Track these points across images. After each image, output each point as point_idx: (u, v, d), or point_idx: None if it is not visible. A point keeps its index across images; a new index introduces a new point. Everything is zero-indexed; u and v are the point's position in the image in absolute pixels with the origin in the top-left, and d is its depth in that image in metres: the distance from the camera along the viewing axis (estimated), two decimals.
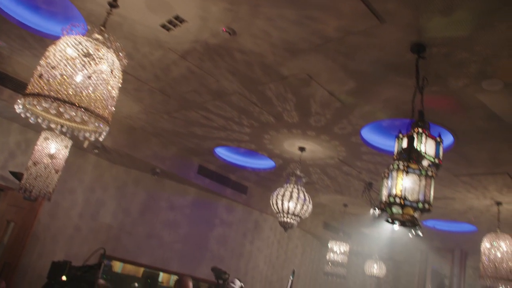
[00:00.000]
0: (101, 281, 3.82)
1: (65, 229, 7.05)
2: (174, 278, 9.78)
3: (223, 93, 4.77)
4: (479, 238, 6.40)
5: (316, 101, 4.47)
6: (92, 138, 3.18)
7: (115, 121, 6.41)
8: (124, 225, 7.63)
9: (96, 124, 2.95)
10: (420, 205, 2.69)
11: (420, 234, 6.42)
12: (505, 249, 6.05)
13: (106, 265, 9.62)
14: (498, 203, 6.43)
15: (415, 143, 2.98)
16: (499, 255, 6.05)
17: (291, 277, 2.86)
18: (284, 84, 4.29)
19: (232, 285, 5.56)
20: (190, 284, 5.20)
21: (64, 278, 5.76)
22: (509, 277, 5.96)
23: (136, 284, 10.23)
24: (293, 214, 5.02)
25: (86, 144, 4.12)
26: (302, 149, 5.68)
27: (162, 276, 10.70)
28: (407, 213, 2.69)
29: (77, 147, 6.80)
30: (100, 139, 3.15)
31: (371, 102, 4.28)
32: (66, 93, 2.72)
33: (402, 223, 2.83)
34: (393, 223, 2.83)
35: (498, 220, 6.40)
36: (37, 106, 2.73)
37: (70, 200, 7.11)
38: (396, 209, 2.70)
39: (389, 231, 8.36)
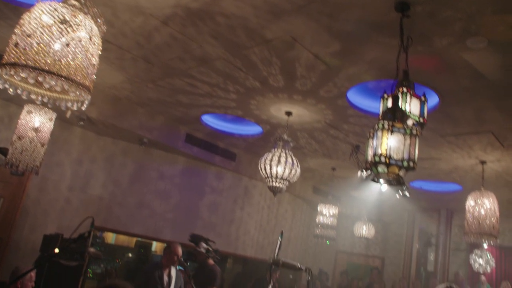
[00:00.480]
0: (91, 250, 3.85)
1: (55, 202, 7.05)
2: None
3: (207, 59, 4.70)
4: (464, 197, 6.54)
5: (301, 64, 4.43)
6: (75, 108, 3.14)
7: (99, 92, 6.34)
8: (115, 196, 7.64)
9: (78, 93, 2.91)
10: (405, 163, 2.71)
11: (407, 194, 6.53)
12: (488, 206, 6.20)
13: (99, 237, 9.70)
14: (483, 162, 6.54)
15: (400, 103, 2.99)
16: (482, 212, 6.20)
17: (279, 238, 2.90)
18: (268, 48, 4.23)
19: (198, 249, 5.70)
20: (179, 249, 5.26)
21: (56, 250, 5.81)
22: (492, 233, 6.13)
23: (130, 255, 10.35)
24: (282, 178, 5.05)
25: (68, 114, 4.07)
26: (289, 113, 5.67)
27: (155, 246, 10.82)
28: (392, 172, 2.72)
29: (62, 120, 6.72)
30: (83, 108, 3.10)
31: (356, 63, 4.26)
32: (44, 62, 2.65)
33: (388, 182, 2.86)
34: (378, 182, 2.87)
35: (482, 178, 6.53)
36: (15, 77, 2.66)
37: (58, 173, 7.08)
38: (381, 168, 2.73)
39: (377, 193, 8.48)
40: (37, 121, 4.62)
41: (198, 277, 5.49)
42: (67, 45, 2.74)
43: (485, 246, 12.65)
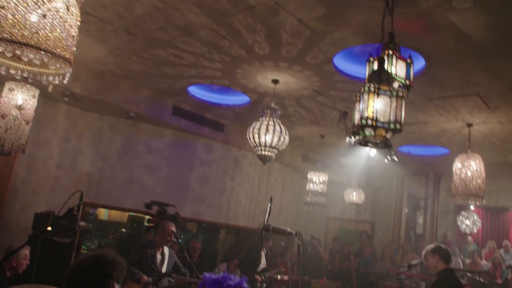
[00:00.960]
0: (82, 223, 3.85)
1: (45, 181, 7.00)
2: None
3: (190, 28, 4.61)
4: (451, 160, 6.62)
5: (286, 30, 4.36)
6: (56, 82, 3.07)
7: (82, 67, 6.23)
8: (104, 172, 7.61)
9: (58, 66, 2.84)
10: (392, 125, 2.71)
11: (395, 159, 6.55)
12: (475, 168, 6.29)
13: (92, 213, 9.71)
14: (469, 125, 6.60)
15: (386, 65, 2.96)
16: (469, 174, 6.29)
17: (269, 204, 2.92)
18: (252, 15, 4.15)
19: (151, 212, 5.80)
20: (172, 227, 5.29)
21: (49, 228, 5.81)
22: (478, 194, 6.24)
23: (123, 230, 10.40)
24: (271, 146, 5.05)
25: (50, 88, 4.00)
26: (275, 81, 5.63)
27: (147, 220, 10.86)
28: (379, 135, 2.72)
29: (46, 97, 6.61)
30: (65, 81, 3.04)
31: (341, 28, 4.20)
32: (21, 34, 2.57)
33: (375, 145, 2.87)
34: (366, 145, 2.87)
35: (469, 141, 6.60)
36: None
37: (45, 151, 7.01)
38: (368, 131, 2.73)
39: (365, 159, 8.55)
40: (20, 99, 4.54)
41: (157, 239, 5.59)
42: (44, 16, 2.66)
43: (472, 207, 12.94)
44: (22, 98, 4.53)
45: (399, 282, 6.99)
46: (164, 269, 5.22)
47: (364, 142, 2.90)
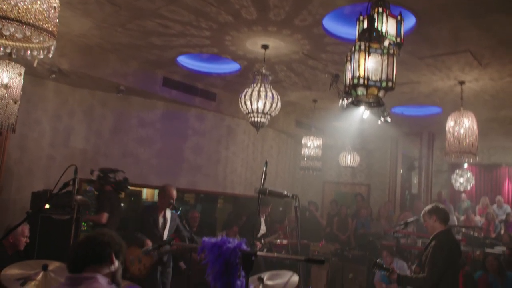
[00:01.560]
0: (78, 197, 3.86)
1: (39, 160, 6.97)
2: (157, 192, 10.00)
3: None
4: (444, 118, 6.63)
5: None
6: (41, 56, 3.01)
7: (68, 42, 6.10)
8: (98, 148, 7.58)
9: (42, 39, 2.78)
10: (384, 83, 2.70)
11: (389, 120, 6.58)
12: (467, 125, 6.31)
13: (89, 190, 9.72)
14: (461, 83, 6.58)
15: (376, 23, 2.92)
16: (462, 131, 6.32)
17: (264, 167, 2.93)
18: None
19: (92, 177, 6.00)
20: (174, 192, 5.31)
21: (47, 206, 5.83)
22: (471, 151, 6.29)
23: (122, 204, 10.45)
24: (263, 113, 5.03)
25: (36, 63, 3.91)
26: (265, 46, 5.54)
27: (146, 193, 10.92)
28: (372, 93, 2.71)
29: (33, 75, 6.51)
30: (49, 55, 2.98)
31: None
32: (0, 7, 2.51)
33: (368, 104, 2.86)
34: (359, 105, 2.86)
35: (461, 98, 6.60)
36: None
37: (37, 131, 6.95)
38: (360, 91, 2.71)
39: (359, 121, 8.54)
40: (5, 77, 4.44)
41: (96, 204, 5.66)
42: None
43: (465, 165, 13.09)
44: (8, 77, 4.43)
45: (396, 241, 7.14)
46: (166, 233, 5.27)
47: (356, 102, 2.89)
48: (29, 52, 2.95)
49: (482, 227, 9.61)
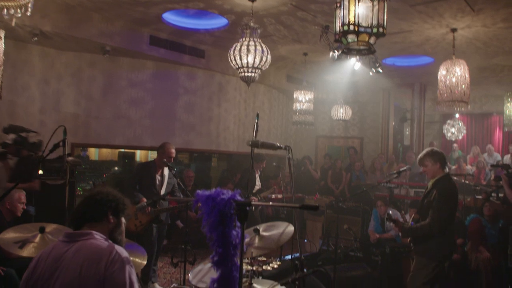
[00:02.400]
0: (69, 158, 3.84)
1: (29, 126, 6.81)
2: (151, 154, 10.02)
3: None
4: (436, 69, 6.57)
5: None
6: (19, 14, 2.91)
7: (49, 2, 5.91)
8: (90, 111, 7.49)
9: None
10: (375, 29, 2.64)
11: (380, 70, 6.51)
12: (459, 74, 6.27)
13: (83, 156, 9.71)
14: (453, 30, 6.48)
15: None
16: (454, 80, 6.29)
17: (256, 119, 2.90)
18: None
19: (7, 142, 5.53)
20: (172, 149, 5.30)
21: (40, 172, 5.82)
22: (463, 99, 6.28)
23: (116, 168, 10.48)
24: (253, 67, 4.95)
25: (14, 22, 3.78)
26: None
27: (139, 155, 10.93)
28: (363, 40, 2.65)
29: (15, 39, 6.34)
30: (28, 13, 2.88)
31: None
32: None
33: (359, 52, 2.81)
34: (349, 53, 2.81)
35: (453, 47, 6.52)
36: None
37: (25, 96, 6.83)
38: (351, 38, 2.65)
39: (350, 74, 8.48)
40: None
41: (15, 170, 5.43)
42: None
43: (457, 115, 13.15)
44: None
45: (389, 191, 7.25)
46: (163, 191, 5.31)
47: (347, 51, 2.84)
48: (5, 10, 2.84)
49: (473, 175, 9.76)
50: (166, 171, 5.38)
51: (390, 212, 4.30)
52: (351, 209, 7.34)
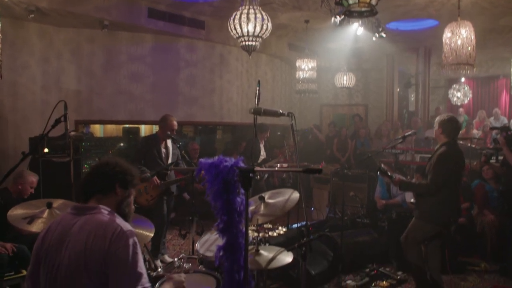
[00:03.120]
0: (72, 132, 3.83)
1: (33, 105, 6.87)
2: (155, 128, 10.01)
3: None
4: (441, 32, 6.42)
5: None
6: None
7: None
8: (92, 87, 7.46)
9: None
10: None
11: (383, 35, 6.38)
12: (465, 36, 6.12)
13: (86, 133, 9.72)
14: None
15: None
16: (459, 42, 6.14)
17: (257, 86, 2.86)
18: None
19: None
20: (174, 121, 5.27)
21: (46, 150, 5.83)
22: (468, 61, 6.15)
23: (122, 144, 10.49)
24: (254, 35, 4.86)
25: None
26: None
27: (144, 130, 10.92)
28: (364, 1, 2.57)
29: (11, 17, 6.24)
30: None
31: None
32: None
33: (360, 14, 2.73)
34: (351, 16, 2.74)
35: (458, 8, 6.34)
36: None
37: (26, 76, 6.78)
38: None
39: (353, 40, 8.35)
40: None
41: None
42: None
43: (463, 79, 12.99)
44: None
45: (395, 157, 7.23)
46: (169, 162, 5.31)
47: (348, 13, 2.77)
48: None
49: (479, 139, 9.69)
50: (169, 143, 5.36)
51: (382, 165, 4.31)
52: (357, 176, 7.34)
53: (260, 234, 2.78)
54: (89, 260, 1.86)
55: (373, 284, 4.61)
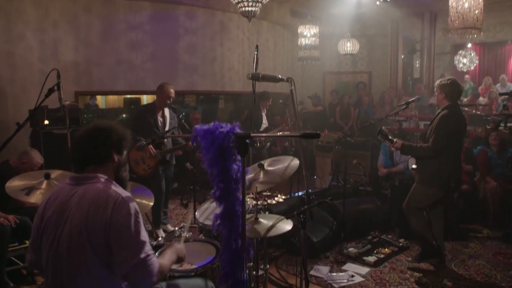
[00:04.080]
0: (66, 102, 3.76)
1: (31, 76, 6.75)
2: None
3: None
4: None
5: None
6: None
7: None
8: (90, 58, 7.32)
9: None
10: None
11: None
12: None
13: (92, 104, 9.65)
14: None
15: None
16: (466, 5, 5.96)
17: (255, 51, 2.77)
18: None
19: None
20: (171, 90, 5.16)
21: (46, 122, 5.78)
22: (475, 25, 5.99)
23: (124, 115, 10.43)
24: (254, 0, 4.70)
25: None
26: None
27: (146, 100, 10.85)
28: None
29: None
30: None
31: None
32: None
33: None
34: None
35: None
36: None
37: (23, 47, 6.65)
38: None
39: (356, 5, 8.13)
40: None
41: None
42: None
43: (469, 45, 12.72)
44: None
45: (398, 124, 7.14)
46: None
47: None
48: None
49: (485, 105, 9.55)
50: (167, 112, 5.27)
51: (383, 127, 4.23)
52: (360, 144, 7.27)
53: (259, 202, 2.74)
54: (91, 231, 1.83)
55: (375, 251, 4.61)
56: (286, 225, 2.44)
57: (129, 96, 9.62)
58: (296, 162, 2.74)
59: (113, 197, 1.88)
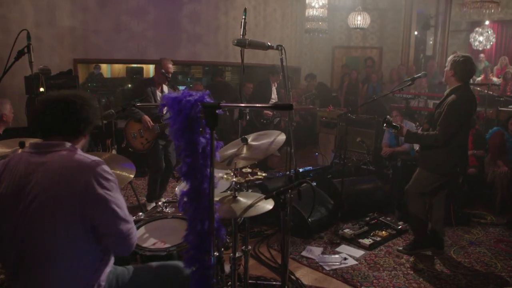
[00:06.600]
0: (40, 66, 3.55)
1: (25, 42, 6.52)
2: None
3: None
4: None
5: None
6: None
7: None
8: (88, 24, 7.08)
9: None
10: None
11: None
12: None
13: (96, 73, 9.46)
14: None
15: None
16: None
17: (243, 16, 2.55)
18: None
19: None
20: (169, 64, 4.98)
21: (42, 89, 5.62)
22: None
23: (129, 85, 10.24)
24: None
25: None
26: None
27: (151, 69, 10.61)
28: None
29: None
30: None
31: None
32: None
33: None
34: None
35: None
36: None
37: (17, 11, 6.40)
38: None
39: None
40: None
41: None
42: None
43: (487, 22, 12.22)
44: None
45: (406, 102, 6.86)
46: (165, 108, 5.04)
47: None
48: None
49: (499, 86, 9.17)
50: (165, 88, 5.11)
51: (388, 117, 3.99)
52: (365, 121, 7.00)
53: (236, 179, 2.55)
54: (64, 201, 1.66)
55: (371, 234, 4.43)
56: (267, 205, 2.25)
57: (132, 65, 9.41)
58: (282, 137, 2.52)
59: (83, 164, 1.71)
